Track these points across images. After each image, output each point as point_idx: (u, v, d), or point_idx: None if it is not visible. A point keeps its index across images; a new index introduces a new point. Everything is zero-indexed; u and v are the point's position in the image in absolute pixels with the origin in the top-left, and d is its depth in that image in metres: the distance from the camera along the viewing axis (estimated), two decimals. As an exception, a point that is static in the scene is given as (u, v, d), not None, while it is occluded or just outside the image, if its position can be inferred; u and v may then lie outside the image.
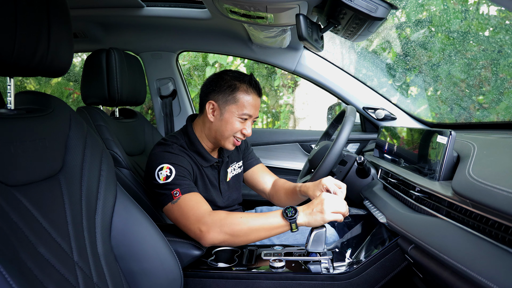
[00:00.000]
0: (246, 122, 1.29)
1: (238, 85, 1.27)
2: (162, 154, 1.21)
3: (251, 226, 1.05)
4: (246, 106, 1.26)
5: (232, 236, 1.05)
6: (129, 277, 0.90)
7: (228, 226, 1.04)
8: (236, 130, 1.28)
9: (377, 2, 0.96)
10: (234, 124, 1.27)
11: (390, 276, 1.06)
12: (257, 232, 1.05)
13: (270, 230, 1.06)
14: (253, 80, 1.30)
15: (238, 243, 1.08)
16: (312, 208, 1.04)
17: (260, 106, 1.67)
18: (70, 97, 4.06)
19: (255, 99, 1.29)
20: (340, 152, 1.22)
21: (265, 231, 1.06)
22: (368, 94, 1.92)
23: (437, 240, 0.73)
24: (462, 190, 0.71)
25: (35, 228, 0.69)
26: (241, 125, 1.28)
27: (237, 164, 1.50)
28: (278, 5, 1.09)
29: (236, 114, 1.26)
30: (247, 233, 1.05)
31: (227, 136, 1.29)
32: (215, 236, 1.05)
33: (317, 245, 1.16)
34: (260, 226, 1.05)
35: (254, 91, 1.29)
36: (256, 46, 1.93)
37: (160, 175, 1.16)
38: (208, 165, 1.34)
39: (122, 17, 1.83)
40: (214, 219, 1.06)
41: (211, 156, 1.34)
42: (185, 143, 1.31)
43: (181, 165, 1.19)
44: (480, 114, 2.42)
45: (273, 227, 1.06)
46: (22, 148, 0.71)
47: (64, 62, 0.82)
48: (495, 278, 0.55)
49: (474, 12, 2.44)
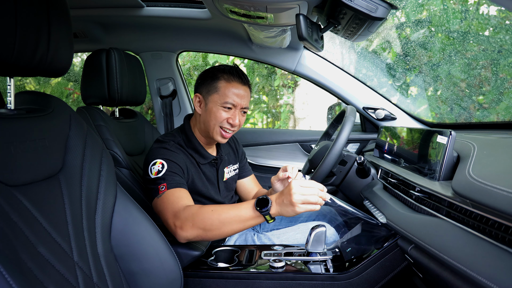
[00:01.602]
0: (231, 111, 1.28)
1: (220, 75, 1.27)
2: (158, 150, 1.23)
3: (223, 219, 1.01)
4: (228, 95, 1.25)
5: (205, 230, 1.02)
6: (129, 277, 0.90)
7: (200, 220, 1.02)
8: (221, 119, 1.26)
9: (377, 2, 0.96)
10: (217, 113, 1.26)
11: (390, 276, 1.06)
12: (230, 225, 1.02)
13: (244, 222, 1.02)
14: (235, 69, 1.29)
15: (212, 237, 1.05)
16: (282, 199, 0.99)
17: (260, 106, 1.67)
18: (70, 97, 4.06)
19: (237, 87, 1.26)
20: (340, 152, 1.22)
21: (238, 224, 1.02)
22: (368, 94, 1.92)
23: (437, 240, 0.73)
24: (462, 190, 0.71)
25: (35, 228, 0.69)
26: (226, 114, 1.27)
27: (233, 166, 1.51)
28: (278, 5, 1.09)
29: (219, 103, 1.26)
30: (219, 227, 1.02)
31: (213, 126, 1.28)
32: (188, 231, 1.03)
33: (317, 245, 1.16)
34: (232, 219, 1.02)
35: (236, 79, 1.27)
36: (256, 46, 1.93)
37: (153, 169, 1.17)
38: (206, 162, 1.35)
39: (122, 17, 1.83)
40: (187, 214, 1.04)
41: (208, 153, 1.35)
42: (183, 140, 1.32)
43: (174, 161, 1.20)
44: (480, 114, 2.42)
45: (246, 219, 1.02)
46: (22, 148, 0.71)
47: (64, 62, 0.82)
48: (495, 278, 0.55)
49: (474, 12, 2.44)
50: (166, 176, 1.15)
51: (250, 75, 4.23)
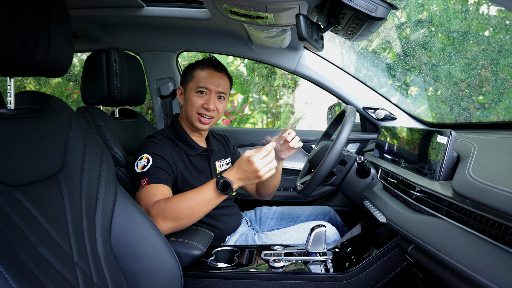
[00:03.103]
0: (205, 96, 1.32)
1: (196, 65, 1.36)
2: (146, 144, 1.27)
3: (191, 206, 1.06)
4: (200, 80, 1.32)
5: (177, 220, 1.07)
6: (129, 277, 0.90)
7: (169, 212, 1.06)
8: (196, 105, 1.32)
9: (377, 2, 0.96)
10: (193, 100, 1.32)
11: (390, 276, 1.06)
12: (199, 210, 1.07)
13: (210, 204, 1.08)
14: (210, 59, 1.37)
15: (185, 225, 1.09)
16: (247, 176, 1.03)
17: (260, 106, 1.67)
18: (70, 97, 4.06)
19: (211, 73, 1.33)
20: (340, 152, 1.22)
21: (205, 207, 1.08)
22: (368, 94, 1.92)
23: (437, 240, 0.73)
24: (462, 190, 0.71)
25: (35, 228, 0.69)
26: (201, 100, 1.32)
27: (225, 160, 1.53)
28: (278, 5, 1.09)
29: (194, 89, 1.33)
30: (190, 214, 1.07)
31: (191, 113, 1.33)
32: (161, 225, 1.07)
33: (317, 245, 1.16)
34: (200, 204, 1.07)
35: (210, 66, 1.35)
36: (256, 46, 1.93)
37: (139, 164, 1.21)
38: (196, 153, 1.38)
39: (122, 17, 1.83)
40: (156, 209, 1.08)
41: (197, 144, 1.39)
42: (172, 134, 1.37)
43: (159, 155, 1.23)
44: (480, 114, 2.42)
45: (212, 201, 1.07)
46: (22, 148, 0.71)
47: (64, 62, 0.82)
48: (495, 278, 0.55)
49: (474, 12, 2.44)
50: (149, 171, 1.18)
51: (250, 75, 4.23)
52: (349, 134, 1.23)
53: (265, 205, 1.82)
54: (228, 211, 1.46)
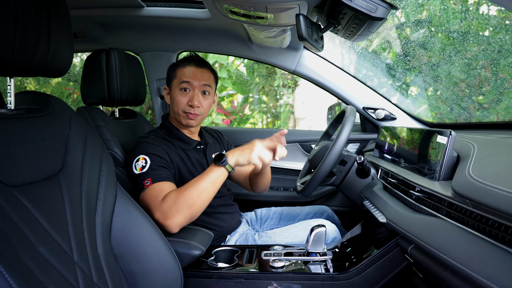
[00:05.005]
0: (189, 93, 1.33)
1: (179, 63, 1.36)
2: (139, 145, 1.28)
3: (200, 189, 1.10)
4: (181, 77, 1.32)
5: (190, 208, 1.09)
6: (129, 277, 0.90)
7: (181, 202, 1.08)
8: (181, 104, 1.33)
9: (377, 2, 0.96)
10: (177, 98, 1.33)
11: (390, 276, 1.06)
12: (206, 191, 1.11)
13: (214, 183, 1.12)
14: (191, 55, 1.37)
15: (198, 212, 1.12)
16: (244, 148, 1.14)
17: (260, 106, 1.67)
18: (70, 97, 4.06)
19: (192, 69, 1.33)
20: (340, 152, 1.22)
21: (211, 186, 1.12)
22: (368, 94, 1.92)
23: (437, 240, 0.73)
24: (462, 190, 0.71)
25: (35, 228, 0.69)
26: (185, 98, 1.32)
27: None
28: (278, 5, 1.09)
29: (178, 87, 1.33)
30: (200, 197, 1.10)
31: (177, 112, 1.34)
32: (177, 217, 1.08)
33: (317, 245, 1.16)
34: (207, 185, 1.11)
35: (191, 63, 1.34)
36: (256, 46, 1.93)
37: (137, 166, 1.21)
38: (191, 147, 1.39)
39: (122, 17, 1.83)
40: (168, 204, 1.09)
41: (191, 139, 1.40)
42: (164, 133, 1.38)
43: (156, 154, 1.23)
44: (480, 114, 2.42)
45: (214, 178, 1.12)
46: (22, 148, 0.71)
47: (64, 62, 0.82)
48: (495, 278, 0.55)
49: (474, 12, 2.44)
50: (150, 171, 1.18)
51: (250, 75, 4.23)
52: (349, 134, 1.23)
53: (264, 206, 1.82)
54: (227, 209, 1.46)
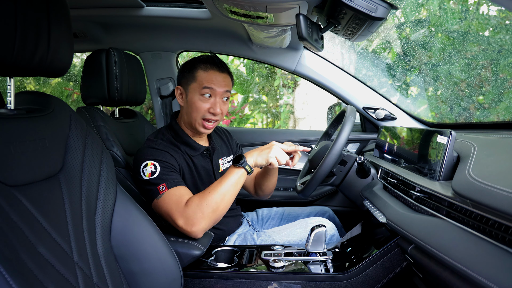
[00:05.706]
0: (211, 100, 1.27)
1: (197, 64, 1.28)
2: (146, 150, 1.23)
3: (222, 192, 1.11)
4: (205, 83, 1.25)
5: (214, 212, 1.10)
6: (129, 277, 0.90)
7: (205, 207, 1.08)
8: (202, 110, 1.27)
9: (377, 2, 0.96)
10: (198, 104, 1.26)
11: (390, 276, 1.06)
12: (228, 193, 1.12)
13: (236, 185, 1.14)
14: (211, 57, 1.30)
15: (221, 215, 1.13)
16: (262, 149, 1.18)
17: (260, 106, 1.67)
18: (70, 97, 4.06)
19: (215, 74, 1.27)
20: (340, 152, 1.22)
21: (233, 188, 1.13)
22: (368, 94, 1.92)
23: (437, 240, 0.73)
24: (462, 190, 0.71)
25: (35, 228, 0.69)
26: (207, 104, 1.27)
27: (227, 158, 1.51)
28: (278, 5, 1.09)
29: (198, 92, 1.26)
30: (222, 200, 1.11)
31: (195, 118, 1.28)
32: (202, 223, 1.08)
33: (317, 245, 1.16)
34: (227, 186, 1.12)
35: (213, 66, 1.28)
36: (256, 46, 1.93)
37: (145, 171, 1.18)
38: (198, 153, 1.35)
39: (122, 17, 1.83)
40: (192, 209, 1.08)
41: (198, 144, 1.35)
42: (171, 136, 1.33)
43: (164, 160, 1.21)
44: (480, 114, 2.42)
45: (235, 179, 1.14)
46: (22, 148, 0.71)
47: (64, 62, 0.82)
48: (495, 278, 0.55)
49: (474, 12, 2.44)
50: (163, 176, 1.16)
51: (250, 75, 4.23)
52: (349, 134, 1.23)
53: (265, 206, 1.82)
54: (230, 212, 1.46)
